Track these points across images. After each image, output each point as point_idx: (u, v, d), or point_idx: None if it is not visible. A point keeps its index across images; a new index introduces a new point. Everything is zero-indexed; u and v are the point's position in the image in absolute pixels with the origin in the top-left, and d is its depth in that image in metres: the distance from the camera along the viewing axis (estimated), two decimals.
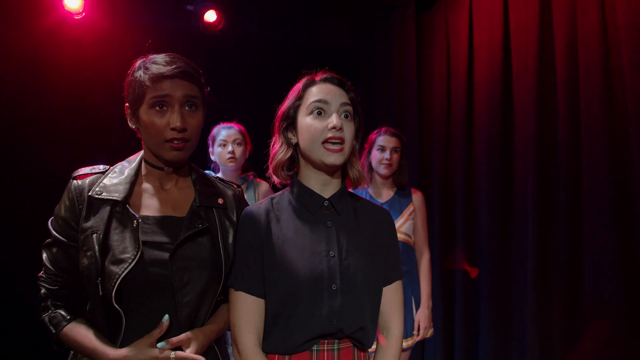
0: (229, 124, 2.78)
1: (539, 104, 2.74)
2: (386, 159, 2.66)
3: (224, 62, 3.94)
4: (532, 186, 2.74)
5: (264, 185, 2.85)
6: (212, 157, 2.78)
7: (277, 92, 1.49)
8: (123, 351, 1.20)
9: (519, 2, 2.94)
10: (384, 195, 2.75)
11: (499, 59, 3.08)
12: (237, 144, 2.72)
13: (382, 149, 2.68)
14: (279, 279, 1.30)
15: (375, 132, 2.77)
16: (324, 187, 1.39)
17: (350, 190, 1.48)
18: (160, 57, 1.30)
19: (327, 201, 1.39)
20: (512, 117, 3.02)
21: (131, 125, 1.35)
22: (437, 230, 3.59)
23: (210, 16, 3.69)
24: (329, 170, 1.38)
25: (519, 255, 2.90)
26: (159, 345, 1.22)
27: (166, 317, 1.24)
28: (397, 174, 2.75)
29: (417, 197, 2.77)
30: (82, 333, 1.27)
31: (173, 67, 1.27)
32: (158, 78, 1.26)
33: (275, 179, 1.43)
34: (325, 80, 1.39)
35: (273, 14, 4.04)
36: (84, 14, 3.35)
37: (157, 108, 1.27)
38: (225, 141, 2.71)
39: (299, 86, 1.41)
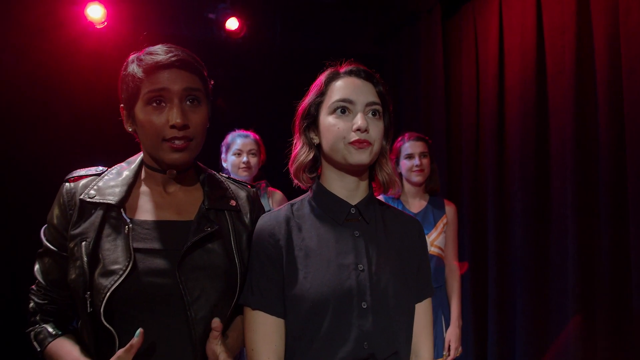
0: (244, 132, 2.69)
1: (577, 107, 2.58)
2: (416, 166, 2.52)
3: (246, 70, 3.90)
4: (572, 194, 2.57)
5: (277, 195, 2.74)
6: (224, 165, 2.69)
7: (300, 99, 1.36)
8: None
9: (553, 2, 2.80)
10: (417, 206, 2.60)
11: (532, 62, 2.93)
12: (252, 155, 2.64)
13: (410, 157, 2.54)
14: (302, 296, 1.15)
15: (398, 140, 2.63)
16: (350, 192, 1.25)
17: (379, 195, 1.34)
18: (156, 47, 1.16)
19: (354, 208, 1.24)
20: (547, 121, 2.86)
21: (127, 128, 1.20)
22: (468, 243, 3.43)
23: (232, 24, 3.65)
24: (355, 171, 1.23)
25: (558, 269, 2.71)
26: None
27: (139, 332, 1.03)
28: (429, 180, 2.61)
29: (450, 209, 2.62)
30: (66, 349, 1.13)
31: (170, 55, 1.13)
32: (153, 69, 1.11)
33: (296, 182, 1.30)
34: (350, 73, 1.24)
35: (296, 21, 3.98)
36: (106, 23, 3.35)
37: (154, 104, 1.12)
38: (240, 150, 2.62)
39: (321, 80, 1.26)
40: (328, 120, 1.21)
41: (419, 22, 3.94)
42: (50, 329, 1.18)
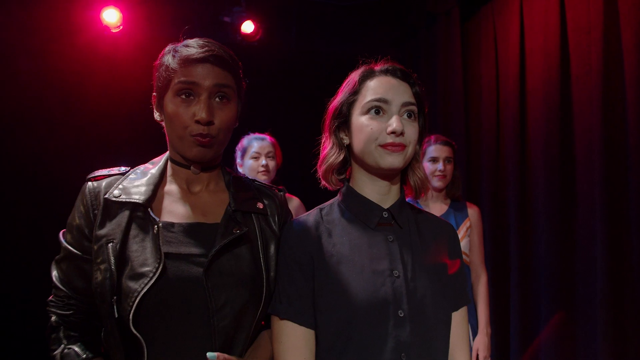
0: (261, 135, 2.64)
1: (604, 109, 2.50)
2: (439, 171, 2.47)
3: (261, 74, 3.86)
4: (600, 200, 2.48)
5: (295, 201, 2.68)
6: (240, 170, 2.62)
7: (316, 102, 1.33)
8: None
9: (577, 0, 2.72)
10: (438, 209, 2.54)
11: (556, 62, 2.84)
12: (270, 158, 2.59)
13: (434, 160, 2.48)
14: (334, 305, 1.09)
15: (424, 141, 2.56)
16: (382, 196, 1.19)
17: (408, 200, 1.28)
18: (193, 41, 1.15)
19: (386, 212, 1.18)
20: (572, 125, 2.77)
21: (156, 116, 1.19)
22: (489, 249, 3.33)
23: (248, 27, 3.62)
24: (387, 175, 1.18)
25: (585, 276, 2.61)
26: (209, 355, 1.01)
27: (214, 355, 1.01)
28: (451, 186, 2.55)
29: (473, 211, 2.55)
30: None
31: (205, 49, 1.11)
32: (186, 61, 1.10)
33: (324, 184, 1.25)
34: (386, 72, 1.18)
35: (312, 24, 3.95)
36: (121, 27, 3.34)
37: (183, 96, 1.10)
38: (258, 153, 2.57)
39: (354, 78, 1.20)
40: (361, 121, 1.15)
41: (437, 24, 3.87)
42: (78, 350, 1.10)
